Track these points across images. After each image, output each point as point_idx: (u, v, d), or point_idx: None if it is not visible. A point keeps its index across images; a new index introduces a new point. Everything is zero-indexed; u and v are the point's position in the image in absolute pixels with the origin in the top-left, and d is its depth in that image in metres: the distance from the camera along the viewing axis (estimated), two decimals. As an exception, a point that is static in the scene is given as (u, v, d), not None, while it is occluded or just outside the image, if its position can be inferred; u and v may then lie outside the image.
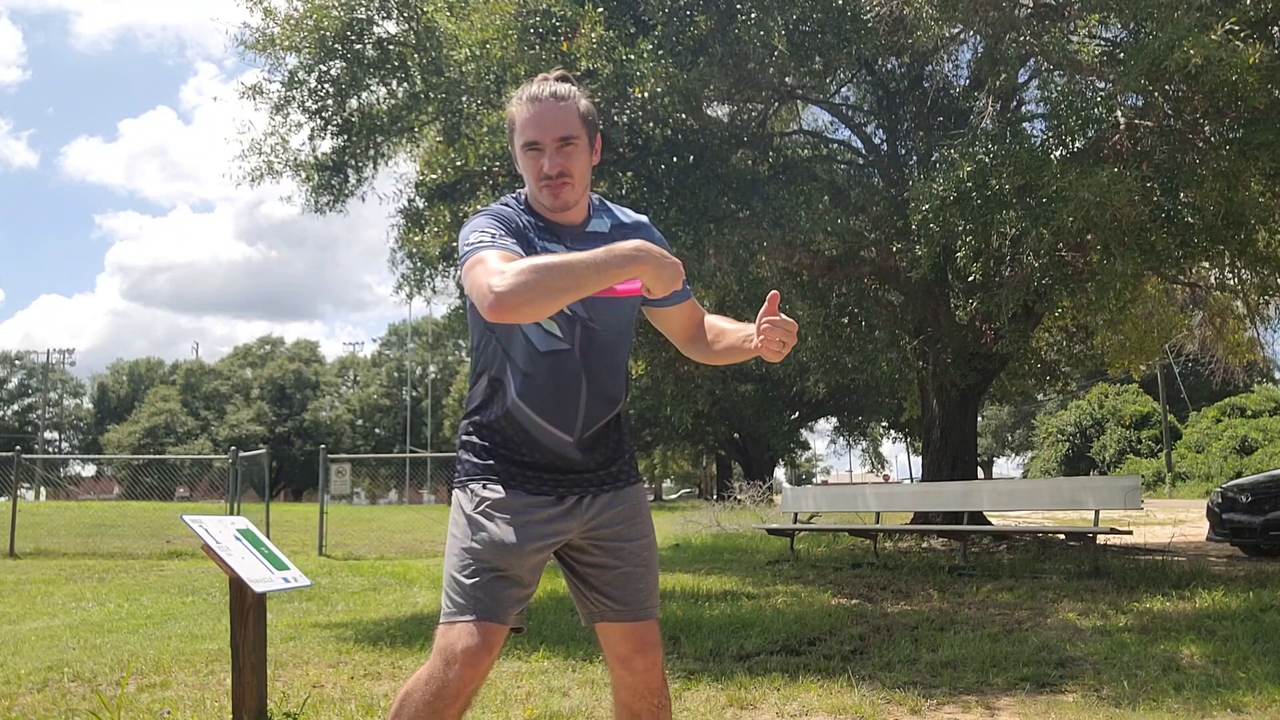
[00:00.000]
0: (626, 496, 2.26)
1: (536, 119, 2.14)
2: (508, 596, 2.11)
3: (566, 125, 2.14)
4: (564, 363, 2.15)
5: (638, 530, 2.27)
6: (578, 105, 2.18)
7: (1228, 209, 8.02)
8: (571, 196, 2.16)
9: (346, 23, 10.67)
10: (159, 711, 4.12)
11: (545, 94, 2.15)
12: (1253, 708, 3.91)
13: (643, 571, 2.26)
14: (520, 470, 2.18)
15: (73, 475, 45.92)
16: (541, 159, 2.13)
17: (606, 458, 2.23)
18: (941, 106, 12.00)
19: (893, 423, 36.92)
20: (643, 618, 2.25)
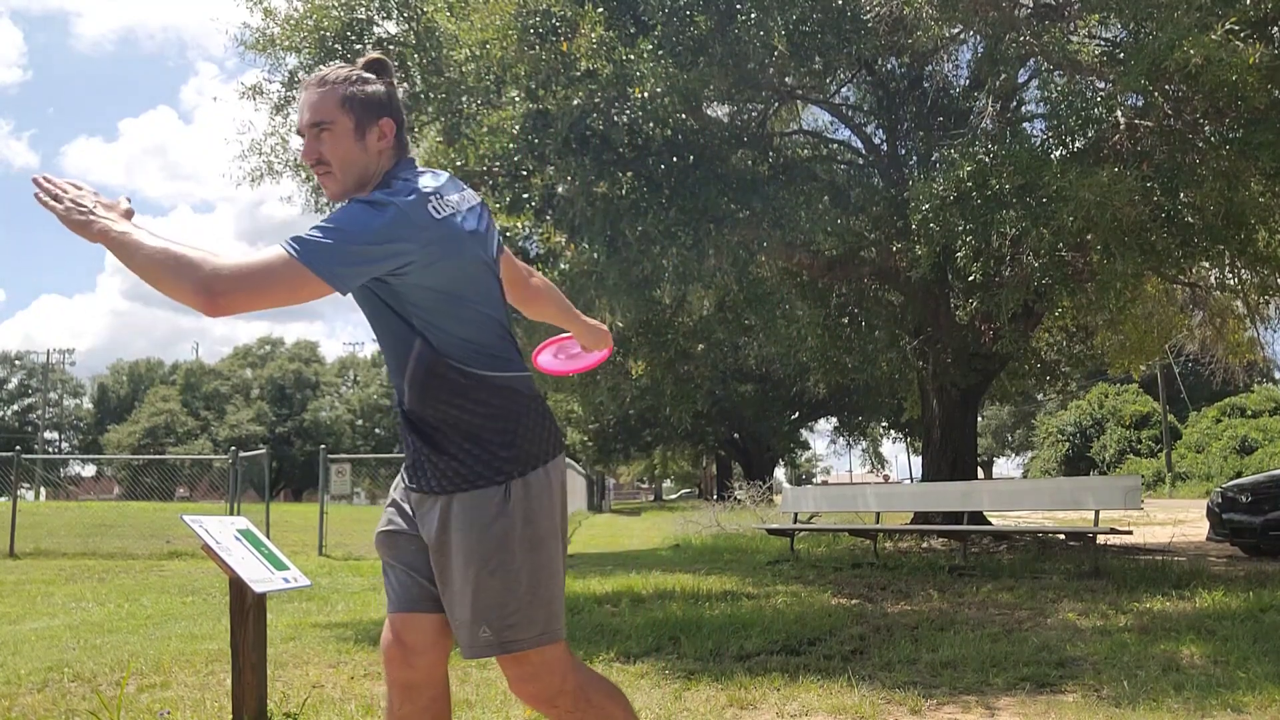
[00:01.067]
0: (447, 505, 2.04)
1: (300, 104, 2.09)
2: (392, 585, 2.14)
3: (320, 110, 2.03)
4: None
5: (445, 549, 2.03)
6: (341, 89, 2.04)
7: (1228, 209, 8.03)
8: (333, 186, 2.07)
9: (346, 23, 10.68)
10: (159, 711, 4.12)
11: (312, 81, 2.08)
12: (1253, 708, 3.91)
13: (450, 601, 2.04)
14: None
15: (73, 475, 45.96)
16: (305, 145, 2.08)
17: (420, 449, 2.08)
18: (941, 106, 12.00)
19: (893, 423, 36.93)
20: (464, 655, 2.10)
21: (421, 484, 2.07)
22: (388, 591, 2.14)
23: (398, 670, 2.09)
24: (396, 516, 2.16)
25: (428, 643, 2.09)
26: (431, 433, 2.04)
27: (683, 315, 12.83)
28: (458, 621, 2.01)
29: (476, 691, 4.48)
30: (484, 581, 1.98)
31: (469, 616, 1.98)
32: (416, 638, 2.08)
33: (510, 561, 1.99)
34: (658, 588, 8.35)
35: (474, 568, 1.98)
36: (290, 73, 11.15)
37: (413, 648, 2.07)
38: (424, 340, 2.01)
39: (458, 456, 2.02)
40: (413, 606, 2.07)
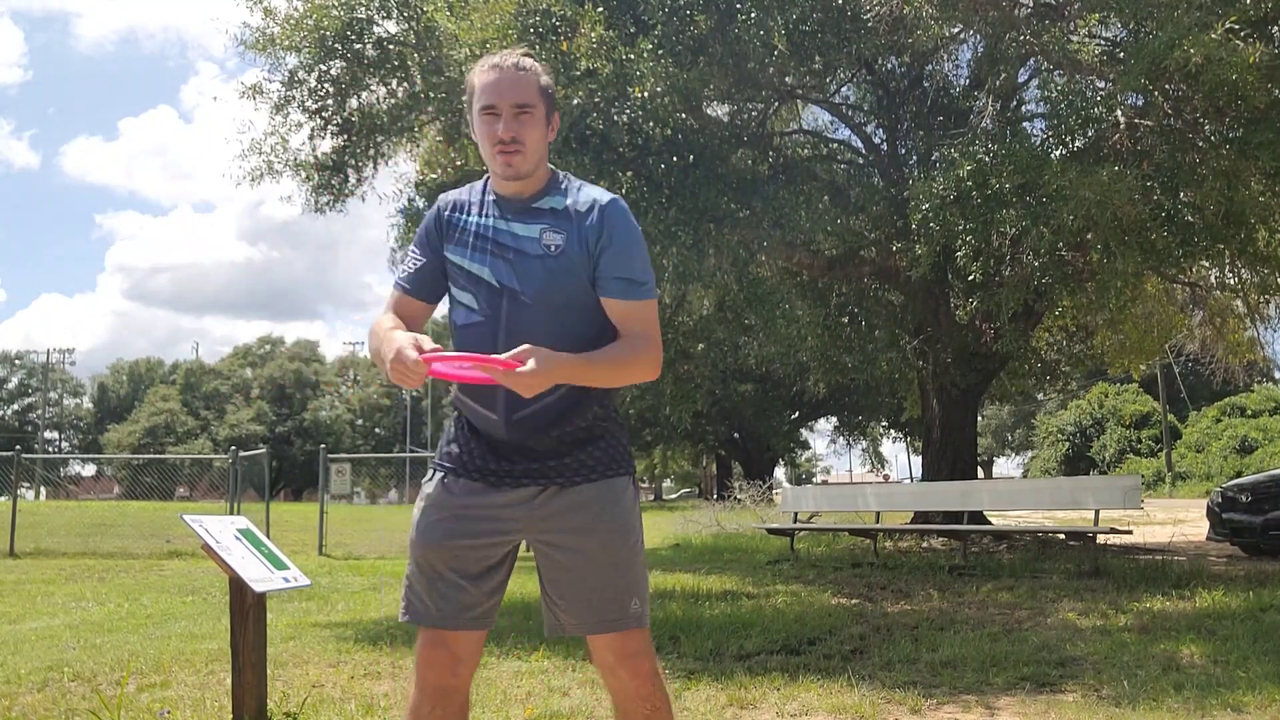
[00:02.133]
0: (585, 494, 2.14)
1: (495, 85, 2.15)
2: (434, 598, 2.13)
3: (524, 93, 2.15)
4: (479, 336, 2.13)
5: (597, 535, 2.14)
6: (538, 78, 2.19)
7: (1228, 208, 8.02)
8: (523, 165, 2.15)
9: (346, 22, 10.67)
10: (159, 711, 4.11)
11: (508, 63, 2.17)
12: (1253, 708, 3.91)
13: (595, 578, 2.13)
14: (463, 457, 2.18)
15: (73, 475, 45.99)
16: (497, 124, 2.13)
17: (557, 447, 2.13)
18: (941, 106, 12.00)
19: (893, 423, 36.94)
20: (595, 631, 2.15)
21: (578, 474, 2.15)
22: (432, 601, 2.14)
23: (440, 676, 2.12)
24: (463, 526, 2.14)
25: (472, 652, 2.17)
26: (588, 423, 2.17)
27: (683, 315, 12.83)
28: (606, 597, 2.12)
29: (476, 691, 4.47)
30: (633, 558, 2.17)
31: (623, 590, 2.14)
32: (465, 648, 2.14)
33: (641, 543, 2.22)
34: (658, 587, 8.35)
35: (625, 546, 2.16)
36: (290, 72, 11.13)
37: (460, 657, 2.13)
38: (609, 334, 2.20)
39: (602, 445, 2.18)
40: (464, 619, 2.12)
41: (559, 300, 2.13)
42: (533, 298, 2.11)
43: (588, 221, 2.16)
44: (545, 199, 2.20)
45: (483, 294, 2.14)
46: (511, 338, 2.07)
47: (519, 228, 2.16)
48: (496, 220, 2.17)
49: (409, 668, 5.06)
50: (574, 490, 2.14)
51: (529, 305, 2.11)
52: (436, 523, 2.15)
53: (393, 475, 55.64)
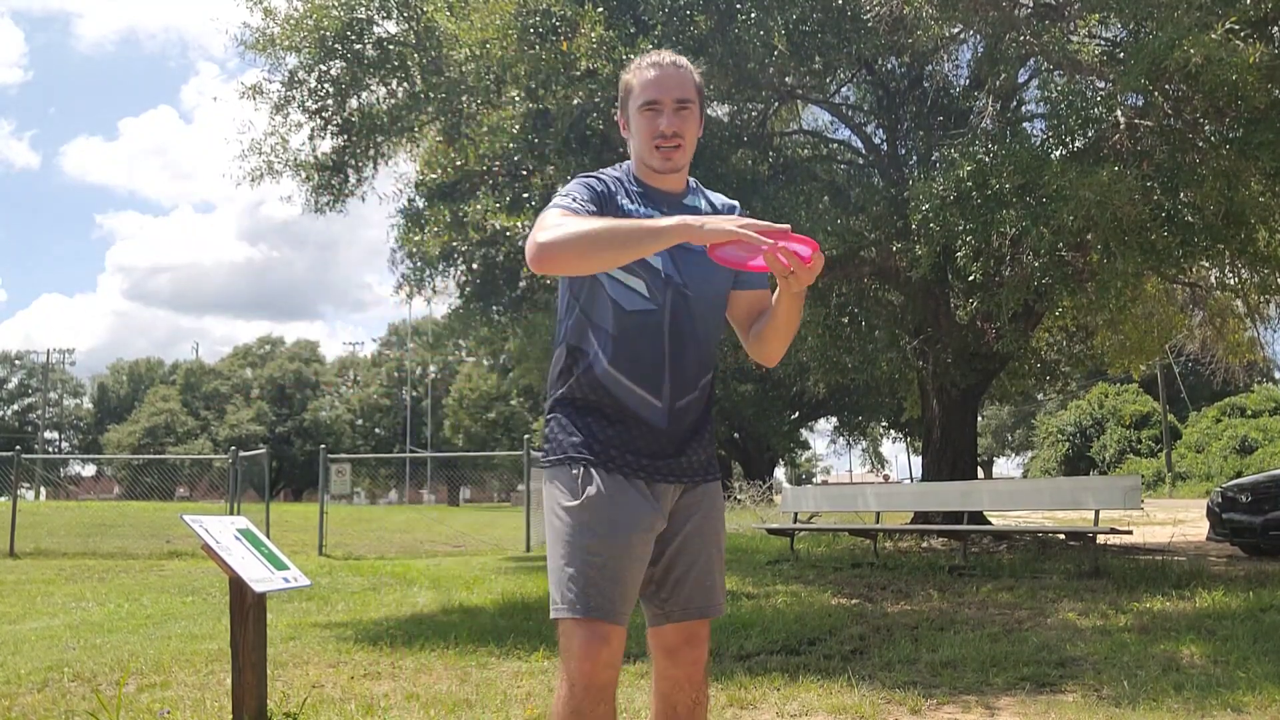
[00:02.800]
0: (707, 491, 2.26)
1: (658, 81, 2.20)
2: (616, 592, 2.11)
3: (685, 89, 2.21)
4: (650, 324, 2.15)
5: (712, 527, 2.26)
6: (694, 76, 2.26)
7: (1228, 208, 8.02)
8: (681, 160, 2.22)
9: (346, 23, 10.68)
10: (159, 711, 4.12)
11: (666, 61, 2.24)
12: (1253, 708, 3.91)
13: (707, 567, 2.24)
14: (610, 450, 2.15)
15: (73, 475, 46.02)
16: (659, 119, 2.19)
17: (693, 442, 2.22)
18: (941, 106, 12.00)
19: (893, 423, 36.88)
20: (700, 616, 2.23)
21: (707, 472, 2.26)
22: (617, 596, 2.11)
23: (605, 672, 2.10)
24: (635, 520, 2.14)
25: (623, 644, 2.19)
26: (711, 422, 2.30)
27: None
28: (715, 584, 2.26)
29: (476, 691, 4.48)
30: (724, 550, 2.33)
31: (722, 579, 2.29)
32: (621, 642, 2.14)
33: None
34: (658, 587, 8.34)
35: (723, 537, 2.31)
36: (290, 72, 11.14)
37: (618, 652, 2.14)
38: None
39: (711, 445, 2.29)
40: (625, 613, 2.13)
41: (711, 296, 2.22)
42: (695, 291, 2.17)
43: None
44: (690, 198, 2.29)
45: (655, 282, 2.15)
46: (675, 329, 2.15)
47: None
48: (652, 211, 2.19)
49: (409, 668, 5.07)
50: (700, 488, 2.24)
51: (691, 299, 2.17)
52: (623, 517, 2.13)
53: (393, 475, 55.64)
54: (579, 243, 1.97)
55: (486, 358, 35.32)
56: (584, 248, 1.97)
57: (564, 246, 1.98)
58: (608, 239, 1.97)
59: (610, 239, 1.97)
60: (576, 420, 2.19)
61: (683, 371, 2.17)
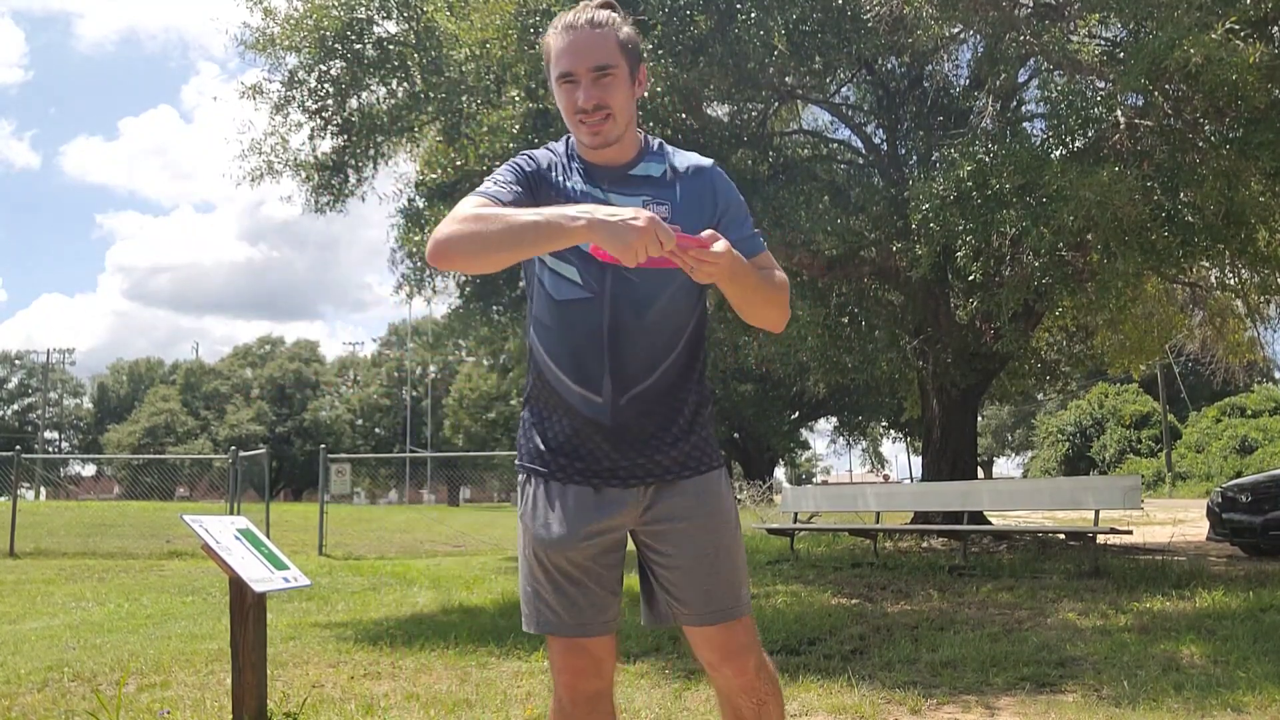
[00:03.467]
0: (691, 487, 2.06)
1: (570, 48, 1.97)
2: (562, 606, 2.04)
3: (602, 54, 1.96)
4: (585, 312, 1.98)
5: (706, 524, 2.06)
6: (617, 32, 2.00)
7: (1228, 208, 8.02)
8: (612, 131, 1.99)
9: (346, 23, 10.68)
10: (159, 711, 4.12)
11: (580, 21, 1.98)
12: (1253, 708, 3.91)
13: (709, 570, 2.06)
14: (558, 457, 2.04)
15: (73, 475, 46.01)
16: (576, 91, 1.97)
17: (660, 436, 2.02)
18: (941, 106, 12.00)
19: (893, 423, 36.89)
20: (712, 621, 2.07)
21: (683, 468, 2.06)
22: (564, 610, 2.05)
23: (589, 682, 2.08)
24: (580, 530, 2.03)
25: (611, 652, 2.12)
26: (690, 411, 2.07)
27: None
28: (721, 587, 2.07)
29: (476, 691, 4.48)
30: (738, 546, 2.13)
31: (739, 577, 2.11)
32: (604, 650, 2.09)
33: (740, 530, 2.18)
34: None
35: (732, 534, 2.12)
36: (290, 72, 11.14)
37: (600, 658, 2.08)
38: (703, 305, 2.10)
39: (703, 434, 2.09)
40: (597, 625, 2.06)
41: (661, 276, 2.00)
42: (639, 275, 1.94)
43: (696, 189, 2.04)
44: (641, 165, 2.05)
45: (589, 268, 1.97)
46: (615, 317, 1.98)
47: (617, 199, 1.98)
48: (592, 189, 2.00)
49: (409, 668, 5.07)
50: (678, 485, 2.05)
51: (636, 282, 1.97)
52: (554, 530, 2.04)
53: (393, 475, 55.62)
54: (471, 241, 1.81)
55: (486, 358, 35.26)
56: (475, 246, 1.81)
57: (456, 244, 1.82)
58: (499, 238, 1.79)
59: (503, 238, 1.79)
60: (533, 424, 2.09)
61: (626, 363, 1.98)
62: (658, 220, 1.74)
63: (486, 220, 1.82)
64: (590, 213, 1.75)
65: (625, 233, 1.71)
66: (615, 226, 1.72)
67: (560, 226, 1.76)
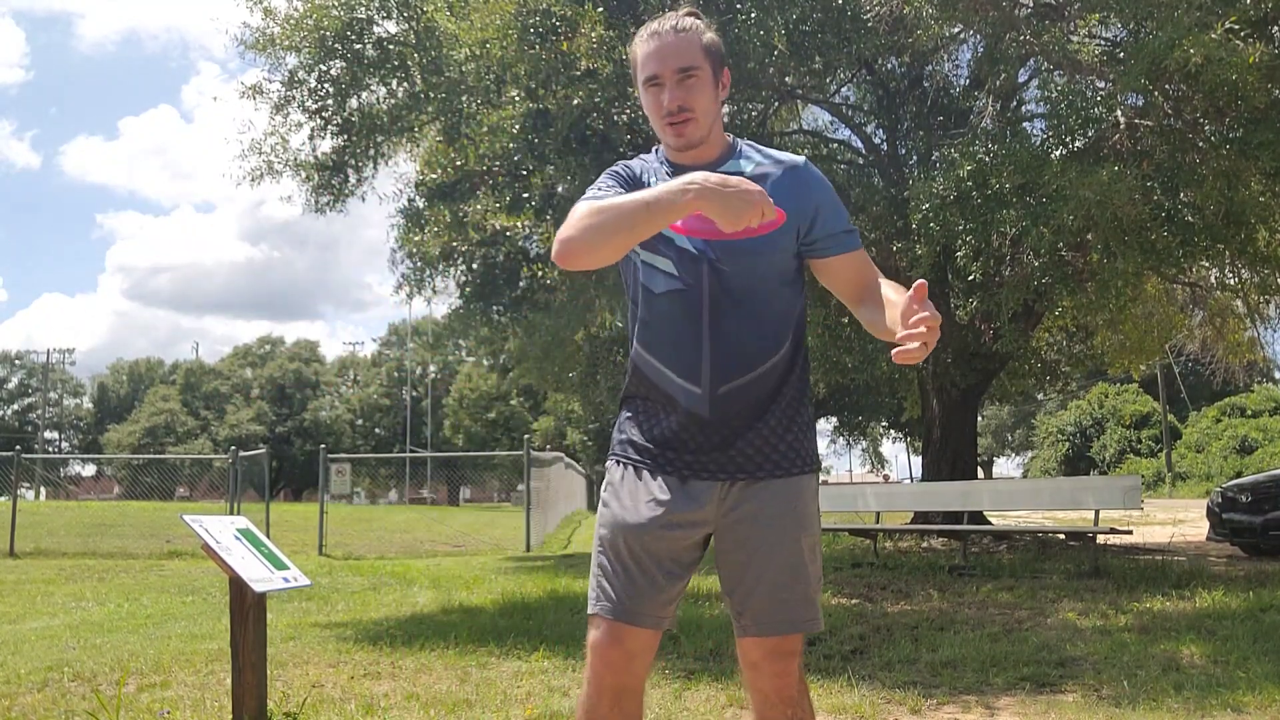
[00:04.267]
0: (777, 489, 2.04)
1: (657, 53, 2.05)
2: (624, 591, 2.01)
3: (686, 56, 2.04)
4: (682, 304, 2.02)
5: (781, 529, 2.03)
6: (700, 37, 2.07)
7: (1228, 208, 8.02)
8: (696, 133, 2.05)
9: (346, 22, 10.68)
10: (159, 711, 4.12)
11: (665, 28, 2.07)
12: (1253, 708, 3.91)
13: (781, 578, 2.02)
14: (645, 444, 2.06)
15: (73, 475, 46.00)
16: (662, 94, 2.04)
17: (749, 433, 2.03)
18: (941, 106, 12.00)
19: (893, 423, 36.88)
20: (779, 632, 2.03)
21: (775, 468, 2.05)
22: (625, 594, 2.02)
23: (618, 676, 2.03)
24: (661, 518, 2.03)
25: (649, 650, 2.06)
26: (789, 409, 2.08)
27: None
28: (796, 596, 2.03)
29: (476, 691, 4.48)
30: (816, 556, 2.10)
31: (812, 590, 2.07)
32: (642, 645, 2.03)
33: (820, 540, 2.14)
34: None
35: (813, 543, 2.09)
36: (290, 72, 11.14)
37: (636, 655, 2.03)
38: (803, 301, 2.14)
39: (794, 436, 2.08)
40: (644, 614, 2.02)
41: (758, 268, 2.04)
42: (731, 265, 2.00)
43: (788, 184, 2.06)
44: (730, 163, 2.09)
45: (683, 261, 2.01)
46: (715, 306, 2.01)
47: None
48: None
49: (409, 667, 5.07)
50: (762, 485, 2.04)
51: (727, 273, 2.01)
52: (637, 514, 2.04)
53: (393, 475, 55.65)
54: (589, 233, 1.87)
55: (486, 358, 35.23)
56: (594, 237, 1.87)
57: (576, 241, 1.88)
58: (613, 225, 1.85)
59: (617, 224, 1.85)
60: (629, 419, 2.12)
61: (724, 354, 2.01)
62: (765, 193, 1.80)
63: (600, 213, 1.88)
64: (700, 181, 1.80)
65: (734, 200, 1.78)
66: (725, 194, 1.78)
67: (670, 201, 1.81)
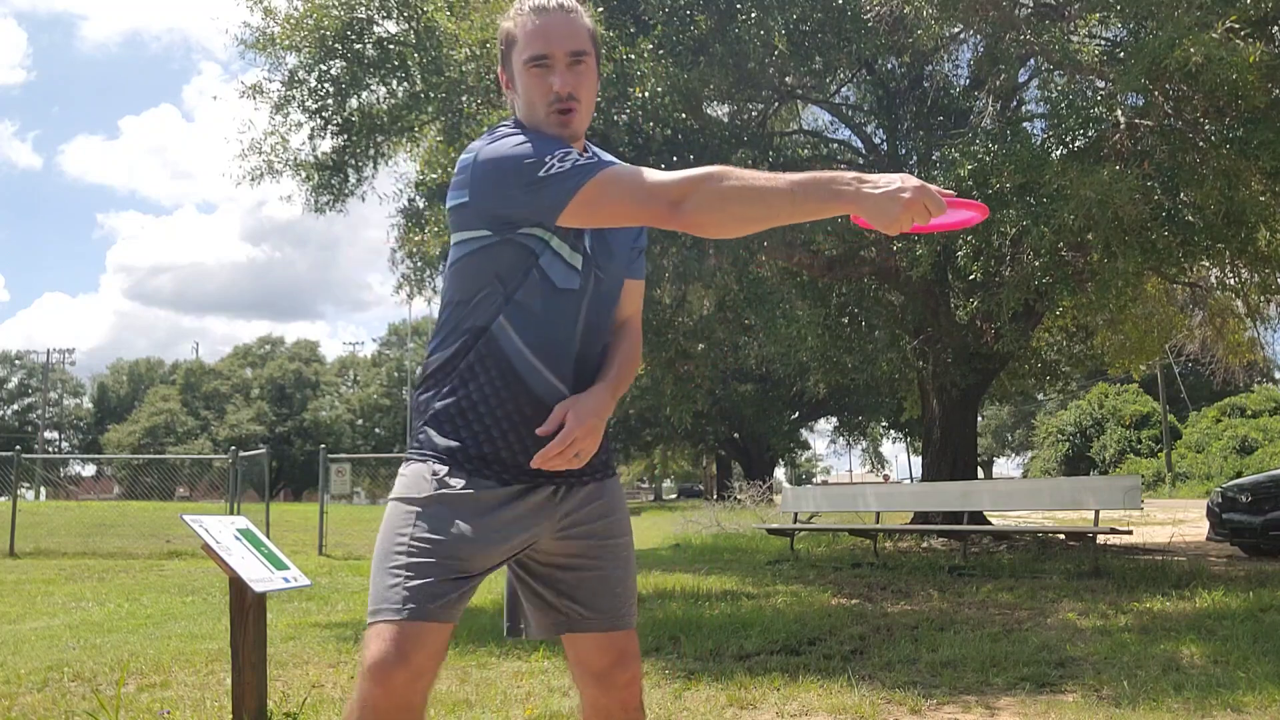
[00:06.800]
0: (608, 489, 1.99)
1: (544, 30, 1.83)
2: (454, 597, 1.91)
3: (578, 39, 1.85)
4: (572, 305, 1.88)
5: (619, 527, 2.00)
6: (587, 21, 1.89)
7: (1228, 208, 8.02)
8: (580, 125, 1.87)
9: (346, 22, 10.68)
10: (159, 711, 4.11)
11: (554, 5, 1.86)
12: (1253, 708, 3.91)
13: (623, 574, 1.99)
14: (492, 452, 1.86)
15: (73, 475, 45.92)
16: (551, 76, 1.82)
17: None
18: (941, 106, 12.00)
19: (893, 423, 36.91)
20: (622, 626, 1.98)
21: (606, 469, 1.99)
22: (433, 600, 1.87)
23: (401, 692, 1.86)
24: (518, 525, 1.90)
25: (438, 661, 1.93)
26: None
27: (683, 315, 12.82)
28: (626, 591, 2.00)
29: (476, 691, 4.48)
30: (633, 555, 2.05)
31: (633, 587, 2.03)
32: (428, 656, 1.89)
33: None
34: (658, 587, 8.35)
35: (630, 542, 2.04)
36: (290, 72, 11.14)
37: (421, 669, 1.88)
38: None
39: (606, 441, 1.99)
40: (444, 614, 1.90)
41: (617, 281, 1.96)
42: (607, 275, 1.91)
43: None
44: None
45: (584, 262, 1.87)
46: (591, 310, 1.89)
47: None
48: None
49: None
50: (601, 485, 1.97)
51: (604, 281, 1.91)
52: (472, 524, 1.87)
53: (392, 476, 55.29)
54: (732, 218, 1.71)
55: (486, 358, 35.22)
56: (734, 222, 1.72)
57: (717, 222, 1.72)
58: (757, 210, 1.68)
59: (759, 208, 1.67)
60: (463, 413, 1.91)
61: (586, 366, 1.90)
62: (926, 187, 1.64)
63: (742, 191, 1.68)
64: (856, 184, 1.64)
65: (891, 205, 1.63)
66: (880, 200, 1.63)
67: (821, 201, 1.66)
